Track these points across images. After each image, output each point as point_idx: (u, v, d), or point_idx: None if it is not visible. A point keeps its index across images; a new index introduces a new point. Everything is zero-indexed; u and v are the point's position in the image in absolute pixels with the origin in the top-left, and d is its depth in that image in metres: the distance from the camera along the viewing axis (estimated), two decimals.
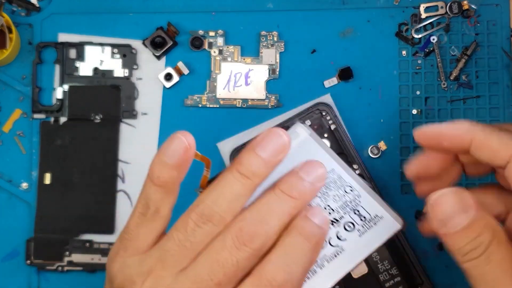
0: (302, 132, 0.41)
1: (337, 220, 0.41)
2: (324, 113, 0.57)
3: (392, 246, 0.56)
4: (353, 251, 0.40)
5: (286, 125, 0.57)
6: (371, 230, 0.41)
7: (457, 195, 0.37)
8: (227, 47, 0.59)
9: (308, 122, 0.57)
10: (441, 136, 0.42)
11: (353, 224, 0.41)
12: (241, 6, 0.59)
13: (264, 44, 0.59)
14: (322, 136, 0.57)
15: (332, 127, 0.57)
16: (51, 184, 0.58)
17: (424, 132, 0.43)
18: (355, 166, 0.56)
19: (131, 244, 0.39)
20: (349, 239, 0.41)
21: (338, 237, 0.41)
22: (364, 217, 0.41)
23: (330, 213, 0.41)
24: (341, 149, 0.57)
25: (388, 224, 0.41)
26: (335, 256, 0.40)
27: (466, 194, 0.37)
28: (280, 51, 0.58)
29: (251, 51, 0.59)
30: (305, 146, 0.41)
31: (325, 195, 0.41)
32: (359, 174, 0.56)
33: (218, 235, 0.38)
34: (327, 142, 0.57)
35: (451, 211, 0.37)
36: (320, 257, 0.40)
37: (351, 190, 0.41)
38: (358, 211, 0.41)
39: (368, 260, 0.56)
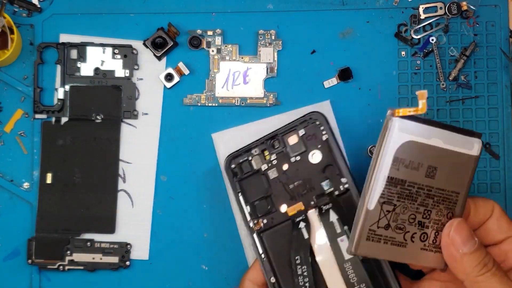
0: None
1: None
2: (318, 123, 0.53)
3: (370, 265, 0.51)
4: None
5: (280, 132, 0.54)
6: None
7: (466, 224, 0.48)
8: (225, 46, 0.59)
9: (302, 131, 0.54)
10: None
11: None
12: (241, 7, 0.59)
13: (262, 43, 0.59)
14: (315, 147, 0.53)
15: (324, 137, 0.53)
16: (52, 183, 0.59)
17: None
18: (343, 180, 0.52)
19: None
20: None
21: None
22: None
23: None
24: (332, 161, 0.53)
25: None
26: None
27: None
28: (277, 50, 0.59)
29: (249, 49, 0.59)
30: None
31: None
32: (346, 189, 0.52)
33: None
34: (318, 153, 0.54)
35: (467, 235, 0.47)
36: None
37: None
38: None
39: (345, 281, 0.51)
